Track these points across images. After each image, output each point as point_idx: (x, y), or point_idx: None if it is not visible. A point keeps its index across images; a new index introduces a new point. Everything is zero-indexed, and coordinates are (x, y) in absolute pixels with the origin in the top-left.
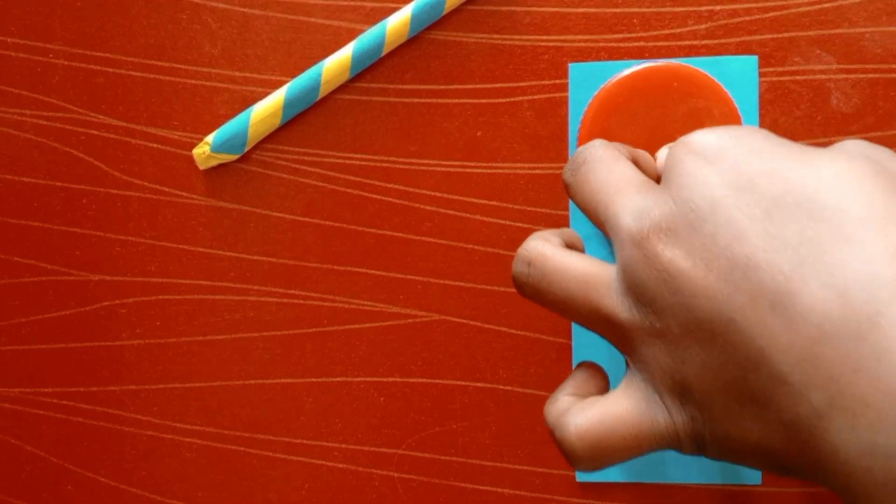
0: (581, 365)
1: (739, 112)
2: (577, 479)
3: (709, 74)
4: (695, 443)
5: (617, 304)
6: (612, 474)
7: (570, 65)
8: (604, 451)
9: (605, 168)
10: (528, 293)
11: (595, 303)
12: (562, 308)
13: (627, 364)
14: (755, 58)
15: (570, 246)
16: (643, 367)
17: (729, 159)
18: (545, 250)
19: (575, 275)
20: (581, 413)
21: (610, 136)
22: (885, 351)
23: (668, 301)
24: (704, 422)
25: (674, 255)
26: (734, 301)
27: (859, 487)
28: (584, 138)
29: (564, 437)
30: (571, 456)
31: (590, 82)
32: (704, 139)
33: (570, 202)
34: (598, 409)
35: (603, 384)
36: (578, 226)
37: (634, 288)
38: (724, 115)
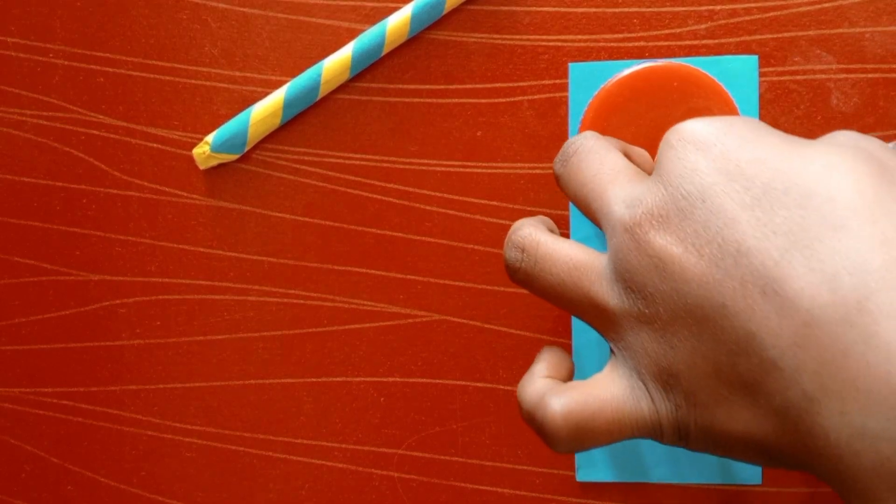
0: (550, 348)
1: (739, 112)
2: (577, 479)
3: (709, 74)
4: (677, 432)
5: (606, 290)
6: (611, 474)
7: (570, 65)
8: (586, 434)
9: (597, 158)
10: (520, 278)
11: (585, 289)
12: (552, 294)
13: (612, 351)
14: (755, 57)
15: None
16: (629, 353)
17: (719, 147)
18: (538, 237)
19: (566, 261)
20: (565, 394)
21: (610, 136)
22: (874, 336)
23: (658, 287)
24: (689, 410)
25: (665, 242)
26: (725, 286)
27: (849, 472)
28: None
29: (548, 416)
30: (554, 436)
31: (590, 82)
32: (695, 127)
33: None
34: (582, 392)
35: (572, 367)
36: (579, 226)
37: (625, 274)
38: (724, 115)
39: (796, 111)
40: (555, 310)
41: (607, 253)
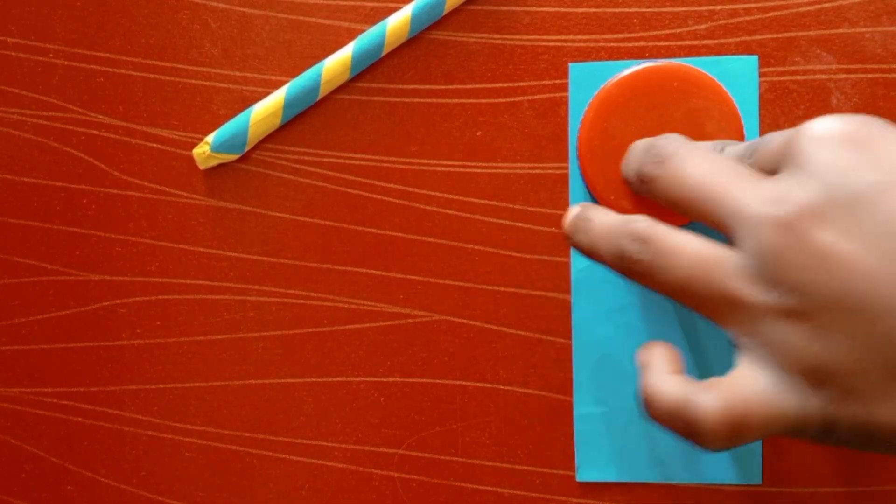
0: (658, 343)
1: (739, 112)
2: (577, 479)
3: (709, 74)
4: (824, 427)
5: (743, 286)
6: (611, 474)
7: (570, 65)
8: (743, 430)
9: (702, 156)
10: (637, 271)
11: (717, 284)
12: (675, 288)
13: (739, 345)
14: (755, 58)
15: None
16: (769, 349)
17: (873, 144)
18: (658, 227)
19: (692, 255)
20: (714, 391)
21: (610, 136)
22: None
23: (821, 284)
24: (843, 405)
25: (832, 239)
26: None
27: None
28: (585, 138)
29: (701, 414)
30: (711, 434)
31: (590, 82)
32: (839, 126)
33: (570, 197)
34: (731, 388)
35: (681, 362)
36: None
37: (777, 272)
38: (725, 115)
39: (796, 111)
40: (555, 310)
41: (742, 248)
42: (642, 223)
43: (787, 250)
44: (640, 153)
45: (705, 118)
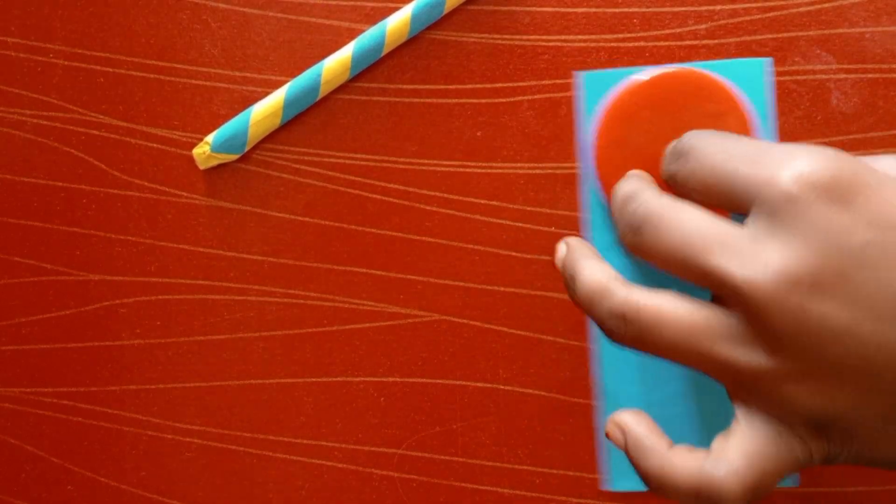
0: (623, 417)
1: (754, 116)
2: (613, 489)
3: (723, 79)
4: (825, 461)
5: (734, 351)
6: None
7: (581, 73)
8: (761, 491)
9: (675, 221)
10: (626, 345)
11: (706, 351)
12: (664, 355)
13: (736, 398)
14: (767, 60)
15: None
16: (768, 405)
17: (856, 194)
18: (636, 300)
19: (677, 325)
20: (725, 462)
21: (626, 145)
22: None
23: (818, 352)
24: (845, 446)
25: (828, 309)
26: None
27: None
28: (601, 147)
29: (723, 487)
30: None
31: (600, 90)
32: (817, 177)
33: (583, 203)
34: (740, 453)
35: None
36: (599, 234)
37: (772, 341)
38: (738, 120)
39: (796, 111)
40: (555, 310)
41: (731, 311)
42: (618, 297)
43: (782, 321)
44: (617, 214)
45: (719, 123)
